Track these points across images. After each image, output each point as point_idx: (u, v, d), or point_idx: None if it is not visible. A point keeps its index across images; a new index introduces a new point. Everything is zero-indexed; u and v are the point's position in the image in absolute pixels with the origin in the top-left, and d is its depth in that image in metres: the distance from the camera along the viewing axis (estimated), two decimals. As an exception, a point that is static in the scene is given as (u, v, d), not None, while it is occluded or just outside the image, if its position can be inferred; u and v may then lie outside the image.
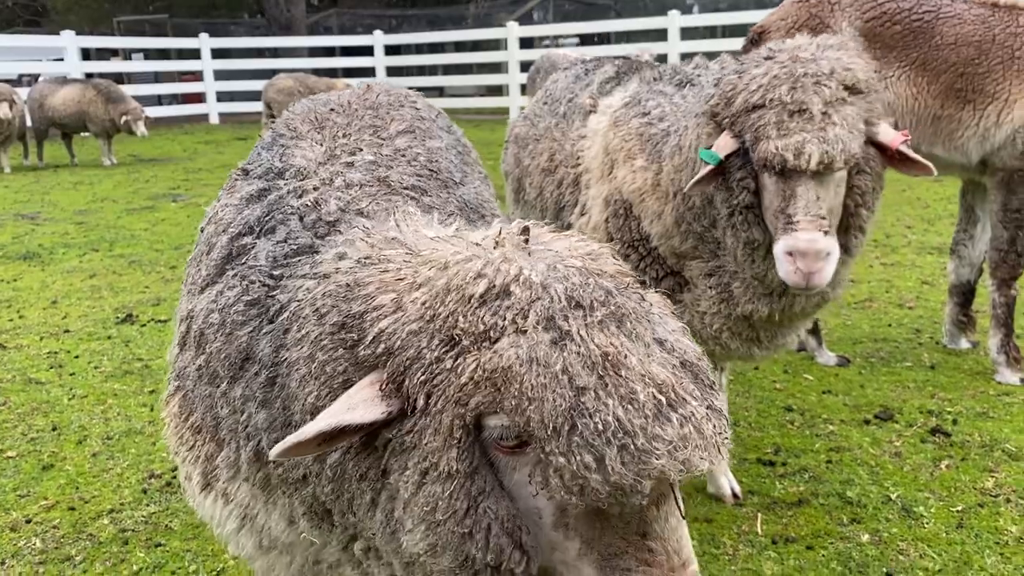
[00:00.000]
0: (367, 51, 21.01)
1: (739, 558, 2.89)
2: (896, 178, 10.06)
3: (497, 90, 21.06)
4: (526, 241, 1.22)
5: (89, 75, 16.20)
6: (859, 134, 2.23)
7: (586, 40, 20.57)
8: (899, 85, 4.12)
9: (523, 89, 15.92)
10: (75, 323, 5.72)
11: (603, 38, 21.23)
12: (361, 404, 1.12)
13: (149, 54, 23.66)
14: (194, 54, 20.10)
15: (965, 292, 4.73)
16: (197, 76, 20.48)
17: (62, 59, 17.49)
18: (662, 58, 14.08)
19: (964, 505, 3.14)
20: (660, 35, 16.73)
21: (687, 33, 16.36)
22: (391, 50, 21.44)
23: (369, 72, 20.89)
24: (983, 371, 4.40)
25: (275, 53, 21.83)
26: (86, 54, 18.98)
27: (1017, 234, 4.20)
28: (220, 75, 20.15)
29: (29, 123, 13.67)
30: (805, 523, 3.07)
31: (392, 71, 21.17)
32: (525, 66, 15.87)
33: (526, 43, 19.53)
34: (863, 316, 5.38)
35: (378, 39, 20.75)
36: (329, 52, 22.75)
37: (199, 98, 20.70)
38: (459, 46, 24.41)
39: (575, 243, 1.24)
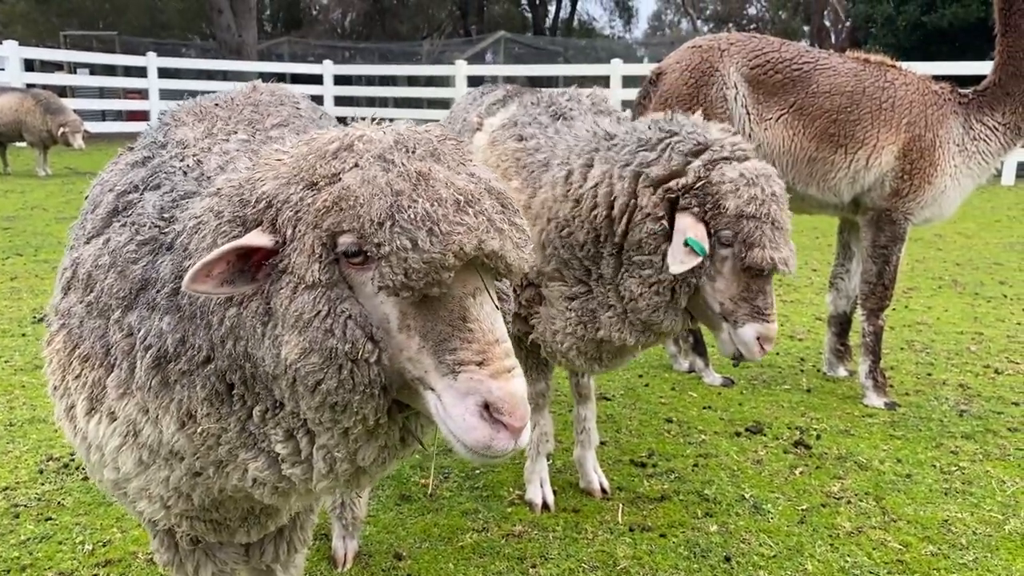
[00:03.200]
0: (317, 79, 21.22)
1: (596, 543, 3.13)
2: (812, 226, 10.65)
3: (445, 125, 21.42)
4: (376, 123, 1.59)
5: (31, 86, 16.06)
6: None
7: (535, 82, 21.12)
8: (778, 127, 4.51)
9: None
10: (-10, 320, 5.76)
11: (552, 82, 21.84)
12: (250, 237, 1.43)
13: (95, 70, 23.50)
14: (141, 72, 20.02)
15: (842, 322, 5.11)
16: (143, 94, 20.41)
17: (3, 69, 17.32)
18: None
19: (809, 505, 3.44)
20: (604, 81, 17.33)
21: (629, 81, 16.95)
22: (341, 80, 21.69)
23: (317, 101, 20.92)
24: (853, 395, 4.75)
25: (224, 76, 21.90)
26: (29, 65, 18.81)
27: (884, 268, 4.59)
28: (166, 95, 20.08)
29: (-37, 130, 13.54)
30: (663, 515, 3.33)
31: (341, 100, 21.39)
32: (470, 103, 16.21)
33: (475, 81, 19.99)
34: (755, 345, 5.72)
35: (327, 68, 20.99)
36: (279, 78, 22.88)
37: (144, 116, 20.57)
38: (412, 80, 24.79)
39: (409, 124, 1.58)
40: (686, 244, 2.46)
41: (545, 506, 3.38)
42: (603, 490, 3.51)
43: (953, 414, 4.44)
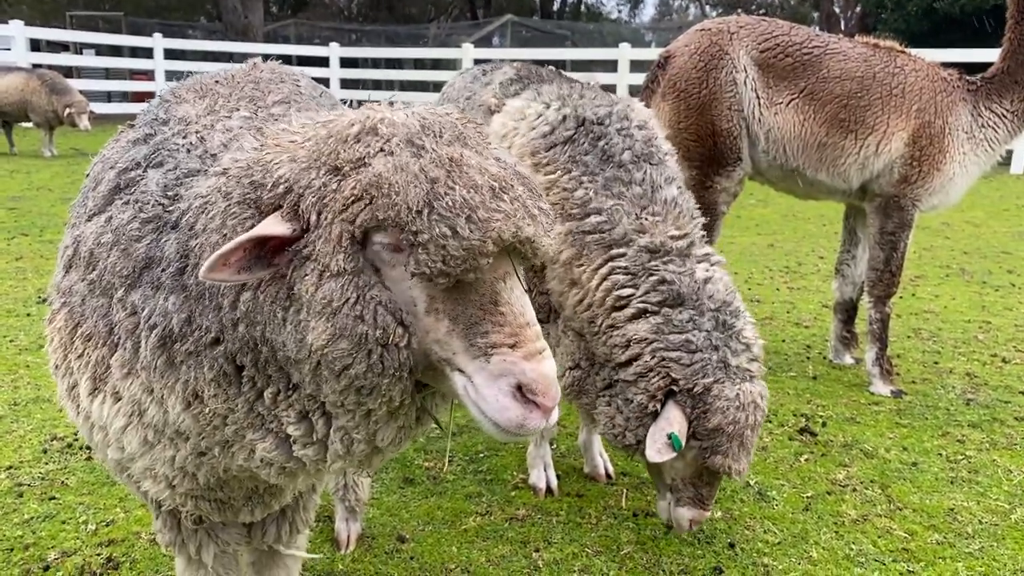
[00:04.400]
0: (323, 62, 21.13)
1: (600, 527, 3.13)
2: (819, 212, 10.58)
3: (452, 108, 21.34)
4: (391, 105, 1.56)
5: (37, 66, 16.00)
6: None
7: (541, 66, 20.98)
8: (788, 112, 4.46)
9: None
10: (-5, 300, 5.77)
11: (559, 66, 21.70)
12: (268, 225, 1.40)
13: (101, 50, 23.41)
14: (147, 53, 19.97)
15: (848, 309, 5.08)
16: (149, 75, 20.36)
17: (9, 49, 17.27)
18: (611, 88, 14.46)
19: (814, 492, 3.43)
20: (612, 66, 17.25)
21: (636, 65, 16.85)
22: (347, 63, 21.59)
23: (323, 83, 20.90)
24: (860, 383, 4.73)
25: (230, 58, 21.78)
26: (35, 45, 18.77)
27: (892, 255, 4.56)
28: (172, 76, 20.00)
29: (-31, 110, 13.51)
30: (667, 501, 3.32)
31: (347, 83, 21.29)
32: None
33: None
34: (762, 332, 5.62)
35: (333, 51, 20.91)
36: (285, 61, 22.59)
37: (149, 97, 20.45)
38: (418, 63, 24.67)
39: (428, 107, 1.55)
40: (669, 437, 2.55)
41: (549, 490, 3.37)
42: (607, 475, 3.50)
43: (960, 403, 4.42)
